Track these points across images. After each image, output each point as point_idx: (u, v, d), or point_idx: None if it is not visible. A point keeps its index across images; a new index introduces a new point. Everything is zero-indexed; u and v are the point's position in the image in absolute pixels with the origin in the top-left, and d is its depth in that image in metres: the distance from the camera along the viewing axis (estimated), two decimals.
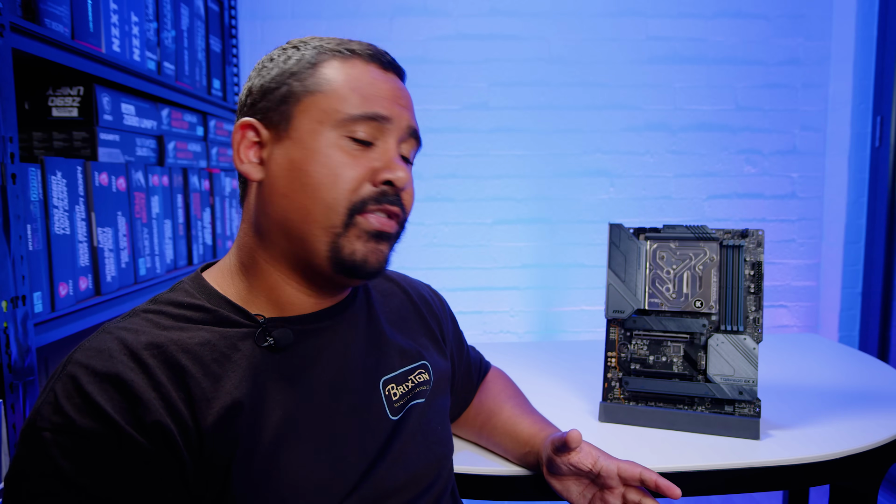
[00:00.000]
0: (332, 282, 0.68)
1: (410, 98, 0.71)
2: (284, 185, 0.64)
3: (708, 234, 1.03)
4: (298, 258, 0.65)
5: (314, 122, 0.64)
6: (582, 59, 2.27)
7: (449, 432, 0.79)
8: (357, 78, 0.66)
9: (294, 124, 0.65)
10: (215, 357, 0.61)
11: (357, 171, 0.64)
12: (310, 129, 0.64)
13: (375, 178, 0.65)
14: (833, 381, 1.24)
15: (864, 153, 2.28)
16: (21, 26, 0.91)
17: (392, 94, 0.67)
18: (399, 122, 0.67)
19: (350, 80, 0.65)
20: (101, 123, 1.19)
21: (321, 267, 0.65)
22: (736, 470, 0.90)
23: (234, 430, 0.58)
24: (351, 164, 0.64)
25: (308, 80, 0.66)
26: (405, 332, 0.78)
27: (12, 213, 0.88)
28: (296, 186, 0.64)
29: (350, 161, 0.64)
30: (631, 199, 2.33)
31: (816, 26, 2.30)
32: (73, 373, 0.56)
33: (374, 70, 0.68)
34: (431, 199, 2.29)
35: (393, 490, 0.66)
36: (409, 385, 0.73)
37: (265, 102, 0.66)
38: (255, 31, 2.19)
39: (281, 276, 0.67)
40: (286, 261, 0.66)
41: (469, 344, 0.97)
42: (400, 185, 0.65)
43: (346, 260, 0.64)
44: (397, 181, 0.65)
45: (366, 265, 0.65)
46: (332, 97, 0.65)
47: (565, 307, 2.36)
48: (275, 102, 0.66)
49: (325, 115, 0.64)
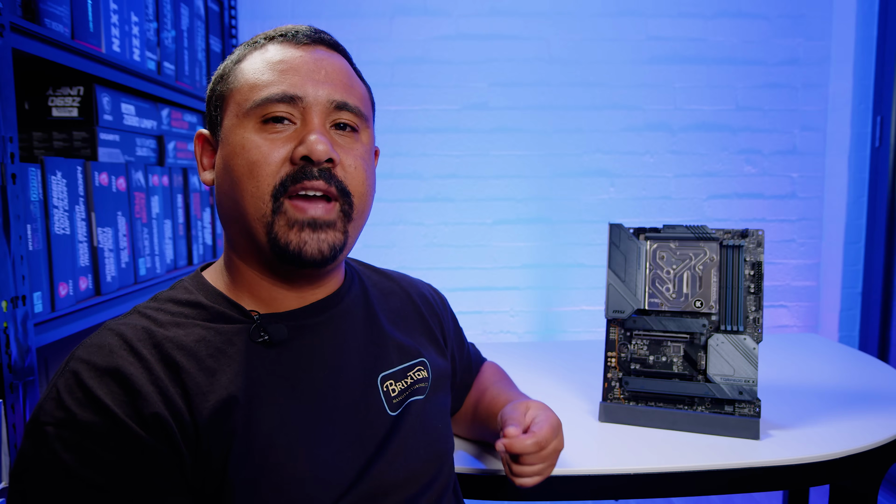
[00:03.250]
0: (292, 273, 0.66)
1: (338, 67, 0.67)
2: (222, 184, 0.66)
3: (708, 234, 1.03)
4: (255, 252, 0.66)
5: (233, 117, 0.65)
6: (582, 59, 2.27)
7: (450, 429, 0.79)
8: (267, 61, 0.65)
9: (223, 125, 0.67)
10: (210, 352, 0.62)
11: (274, 154, 0.62)
12: (230, 125, 0.65)
13: (293, 156, 0.62)
14: (833, 381, 1.24)
15: (864, 153, 2.28)
16: (21, 26, 0.91)
17: (306, 68, 0.64)
18: (316, 98, 0.64)
19: (261, 66, 0.65)
20: (101, 123, 1.19)
21: (269, 257, 0.64)
22: (736, 470, 0.90)
23: (230, 424, 0.59)
24: (268, 146, 0.62)
25: (229, 78, 0.67)
26: (404, 331, 0.78)
27: (12, 213, 0.88)
28: (228, 183, 0.65)
29: (267, 144, 0.62)
30: (631, 199, 2.33)
31: (816, 26, 2.30)
32: (74, 369, 0.58)
33: (288, 49, 0.66)
34: (431, 199, 2.29)
35: (392, 485, 0.66)
36: (408, 381, 0.74)
37: (210, 111, 0.69)
38: (255, 31, 2.19)
39: (255, 273, 0.67)
40: (251, 257, 0.67)
41: (469, 341, 0.97)
42: (317, 158, 0.61)
43: (282, 249, 0.62)
44: (313, 154, 0.61)
45: (302, 255, 0.62)
46: (245, 88, 0.65)
47: (565, 307, 2.36)
48: (213, 109, 0.69)
49: (239, 108, 0.65)
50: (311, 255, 0.62)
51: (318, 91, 0.64)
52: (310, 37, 0.67)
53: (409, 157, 2.24)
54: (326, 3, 2.21)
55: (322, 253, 0.63)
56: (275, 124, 0.63)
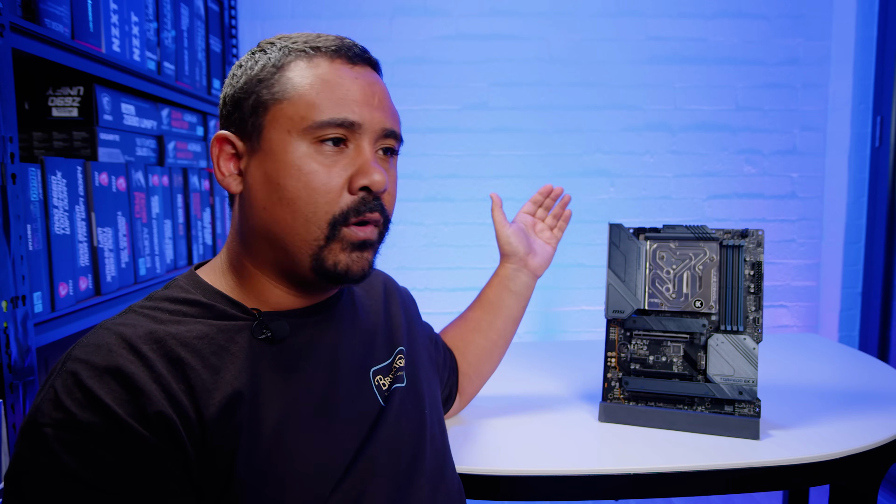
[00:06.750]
0: (317, 286, 0.69)
1: (385, 92, 0.68)
2: (263, 199, 0.64)
3: (708, 234, 1.03)
4: (283, 265, 0.66)
5: (283, 131, 0.63)
6: (582, 59, 2.27)
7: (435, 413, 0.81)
8: (322, 79, 0.64)
9: (265, 135, 0.64)
10: (213, 350, 0.61)
11: (333, 180, 0.63)
12: (279, 139, 0.63)
13: (352, 185, 0.63)
14: (833, 381, 1.24)
15: (864, 153, 2.28)
16: (21, 26, 0.91)
17: (362, 93, 0.65)
18: (372, 125, 0.65)
19: (315, 82, 0.63)
20: (101, 123, 1.19)
21: (305, 275, 0.65)
22: (736, 470, 0.90)
23: (236, 420, 0.59)
24: (325, 172, 0.63)
25: (275, 86, 0.64)
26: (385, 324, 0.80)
27: (12, 213, 0.88)
28: (274, 200, 0.63)
29: (324, 170, 0.63)
30: (631, 199, 2.33)
31: (816, 26, 2.30)
32: (72, 369, 0.57)
33: (341, 67, 0.65)
34: (431, 199, 2.29)
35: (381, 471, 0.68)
36: (394, 371, 0.76)
37: (238, 114, 0.65)
38: (255, 31, 2.19)
39: (268, 280, 0.68)
40: (271, 267, 0.67)
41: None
42: (377, 189, 0.64)
43: (329, 270, 0.64)
44: (374, 185, 0.63)
45: (349, 274, 0.65)
46: (299, 103, 0.63)
47: (565, 307, 2.36)
48: (247, 113, 0.65)
49: (292, 124, 0.63)
50: (355, 275, 0.65)
51: (374, 118, 0.65)
52: (359, 56, 0.67)
53: (409, 157, 2.24)
54: (326, 3, 2.21)
55: (363, 271, 0.66)
56: (330, 146, 0.63)
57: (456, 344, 1.03)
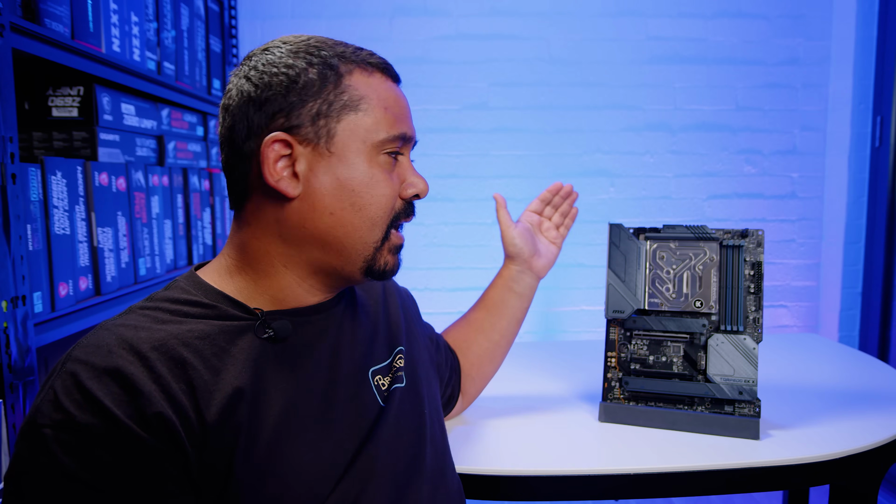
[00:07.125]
0: (352, 283, 0.72)
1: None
2: (331, 203, 0.66)
3: (708, 234, 1.03)
4: (329, 266, 0.68)
5: (358, 141, 0.66)
6: (582, 59, 2.27)
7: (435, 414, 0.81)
8: (384, 96, 0.69)
9: (337, 142, 0.65)
10: (214, 351, 0.61)
11: (392, 189, 0.69)
12: (355, 148, 0.66)
13: (404, 193, 0.70)
14: (833, 381, 1.24)
15: (864, 153, 2.28)
16: (21, 26, 0.91)
17: (408, 110, 0.72)
18: (413, 138, 0.72)
19: (380, 98, 0.68)
20: (101, 123, 1.19)
21: (352, 275, 0.69)
22: (736, 470, 0.90)
23: (237, 418, 0.59)
24: (388, 181, 0.68)
25: (344, 94, 0.65)
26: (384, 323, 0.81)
27: (12, 213, 0.88)
28: (345, 205, 0.66)
29: (386, 178, 0.68)
30: (631, 199, 2.33)
31: (816, 26, 2.30)
32: (72, 370, 0.57)
33: (391, 85, 0.71)
34: (431, 199, 2.29)
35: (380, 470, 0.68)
36: (393, 371, 0.77)
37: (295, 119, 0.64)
38: (255, 31, 2.19)
39: (296, 278, 0.68)
40: (309, 266, 0.68)
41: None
42: (424, 195, 0.72)
43: (376, 270, 0.70)
44: (423, 193, 0.72)
45: (390, 273, 0.72)
46: (371, 116, 0.67)
47: (565, 307, 2.36)
48: (307, 118, 0.64)
49: (367, 135, 0.66)
50: (393, 273, 0.73)
51: (413, 132, 0.73)
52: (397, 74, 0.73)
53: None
54: (326, 3, 2.21)
55: (398, 268, 0.73)
56: (391, 157, 0.69)
57: (458, 344, 1.03)
